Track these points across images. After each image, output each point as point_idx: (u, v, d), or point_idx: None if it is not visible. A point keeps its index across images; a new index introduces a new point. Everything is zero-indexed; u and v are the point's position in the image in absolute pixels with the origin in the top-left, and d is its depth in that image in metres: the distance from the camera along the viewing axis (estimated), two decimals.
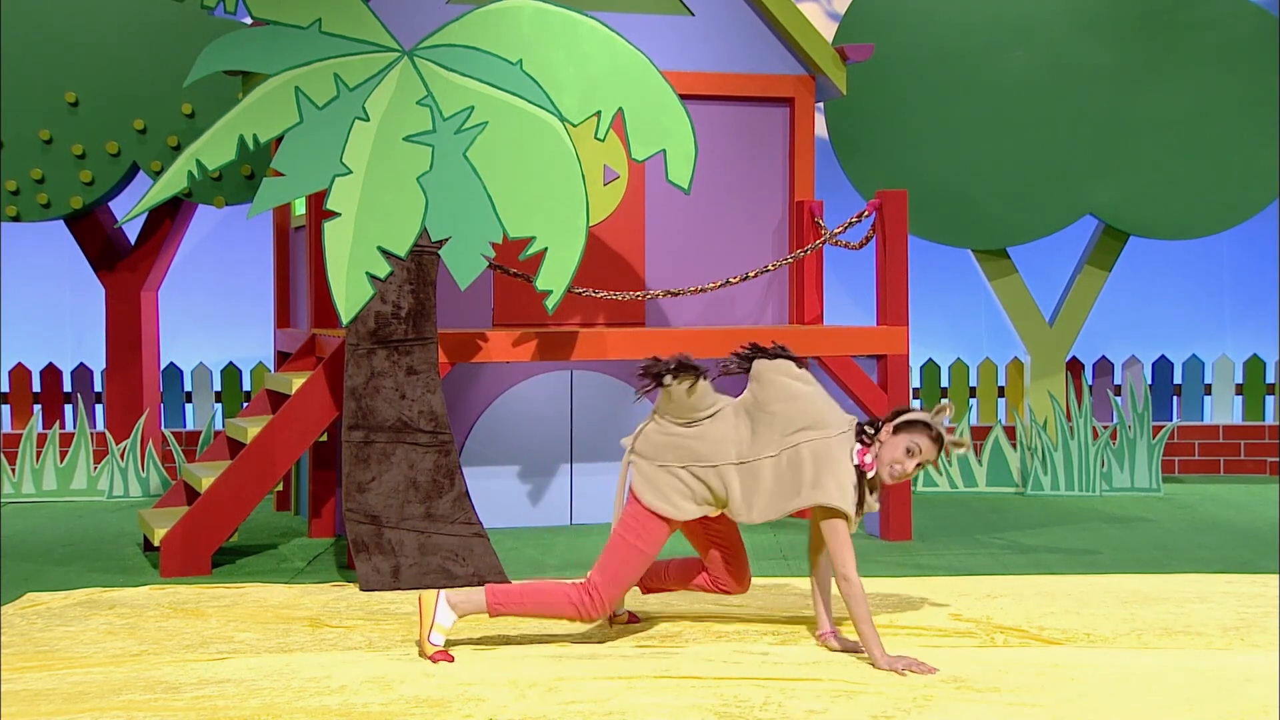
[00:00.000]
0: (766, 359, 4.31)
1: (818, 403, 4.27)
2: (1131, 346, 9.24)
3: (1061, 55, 8.21)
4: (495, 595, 4.29)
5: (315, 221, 6.49)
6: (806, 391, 4.27)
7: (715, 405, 4.31)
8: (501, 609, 4.29)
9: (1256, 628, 4.58)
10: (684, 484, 4.25)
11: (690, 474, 4.25)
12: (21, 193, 7.91)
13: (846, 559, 4.11)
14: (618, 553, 4.27)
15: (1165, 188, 8.30)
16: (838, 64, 7.00)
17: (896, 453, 4.17)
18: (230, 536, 5.81)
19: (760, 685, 3.89)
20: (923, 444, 4.18)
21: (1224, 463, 8.85)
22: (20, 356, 8.75)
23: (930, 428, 4.19)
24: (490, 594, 4.29)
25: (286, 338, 7.30)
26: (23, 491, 7.93)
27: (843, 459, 4.17)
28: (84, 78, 7.87)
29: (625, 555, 4.27)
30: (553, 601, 4.28)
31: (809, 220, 6.94)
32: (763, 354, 4.33)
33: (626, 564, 4.27)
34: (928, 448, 4.19)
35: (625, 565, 4.27)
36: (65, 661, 4.24)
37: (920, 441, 4.18)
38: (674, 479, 4.26)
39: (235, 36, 5.48)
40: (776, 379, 4.27)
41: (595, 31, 5.60)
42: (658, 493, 4.26)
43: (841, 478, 4.14)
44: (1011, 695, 3.78)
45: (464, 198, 5.40)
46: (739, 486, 4.22)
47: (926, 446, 4.19)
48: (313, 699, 3.79)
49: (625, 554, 4.27)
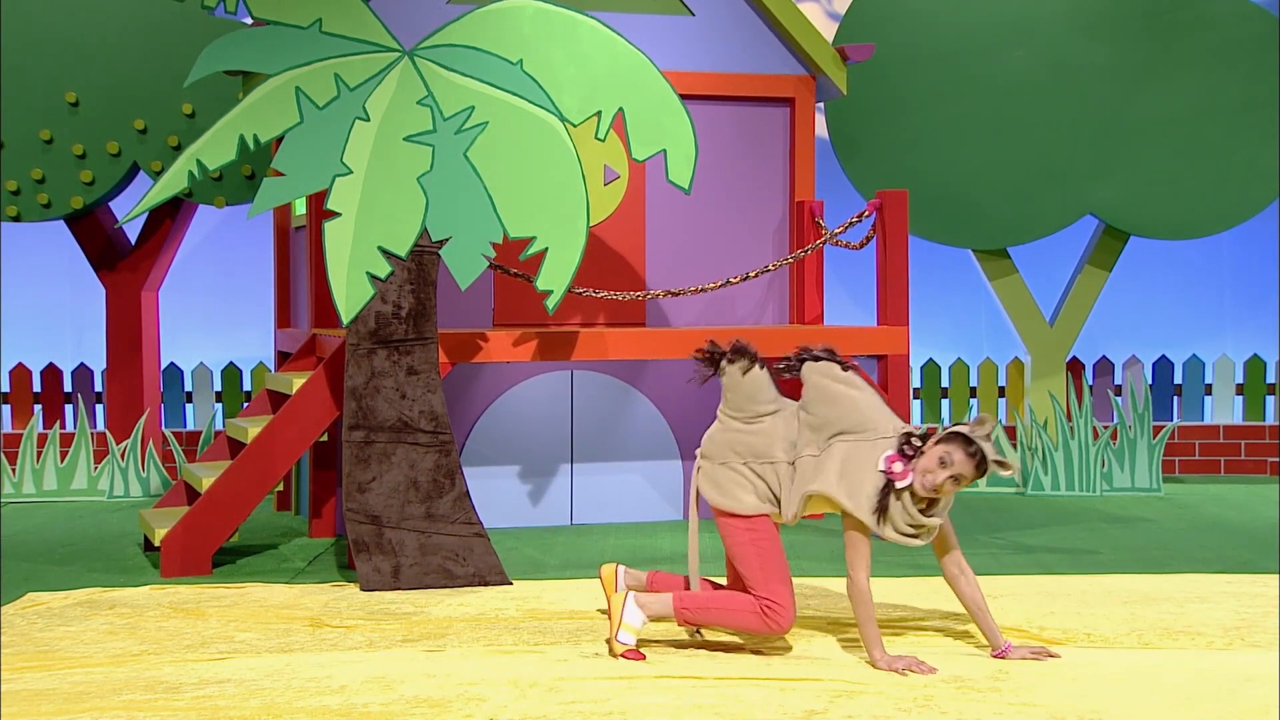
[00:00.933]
0: (813, 361, 4.29)
1: (861, 407, 4.20)
2: (1132, 346, 9.24)
3: (1062, 55, 8.21)
4: (682, 602, 4.27)
5: (316, 221, 6.49)
6: (850, 395, 4.22)
7: (777, 403, 4.30)
8: (689, 615, 4.26)
9: (1257, 627, 4.58)
10: (745, 479, 4.23)
11: (750, 470, 4.24)
12: (22, 192, 7.91)
13: (854, 560, 4.09)
14: (748, 560, 4.21)
15: (1166, 187, 8.30)
16: (838, 64, 7.00)
17: (930, 463, 4.03)
18: (231, 536, 5.81)
19: (760, 685, 3.88)
20: (956, 455, 4.00)
21: (1224, 463, 8.85)
22: (21, 356, 8.75)
23: (968, 440, 4.02)
24: (677, 600, 4.27)
25: (287, 338, 7.30)
26: (23, 491, 7.93)
27: (869, 463, 4.11)
28: (84, 78, 7.87)
29: (754, 555, 4.20)
30: (738, 612, 4.22)
31: (809, 220, 6.94)
32: (810, 357, 4.30)
33: (765, 560, 4.19)
34: (961, 460, 3.99)
35: (765, 562, 4.19)
36: (66, 661, 4.24)
37: (953, 453, 4.00)
38: (736, 474, 4.25)
39: (236, 36, 5.48)
40: (819, 381, 4.24)
41: (596, 31, 5.60)
42: (721, 490, 4.25)
43: (861, 479, 4.08)
44: (1012, 695, 3.78)
45: (464, 198, 5.40)
46: (787, 485, 4.21)
47: (960, 459, 3.99)
48: (313, 699, 3.79)
49: (753, 554, 4.20)
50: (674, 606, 4.26)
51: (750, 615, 4.19)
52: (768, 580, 4.18)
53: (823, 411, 4.20)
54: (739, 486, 4.24)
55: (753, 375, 4.27)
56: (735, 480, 4.25)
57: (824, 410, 4.20)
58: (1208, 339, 9.40)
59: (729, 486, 4.25)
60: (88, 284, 8.59)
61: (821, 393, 4.23)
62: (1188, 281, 9.53)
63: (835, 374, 4.25)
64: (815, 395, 4.23)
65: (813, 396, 4.23)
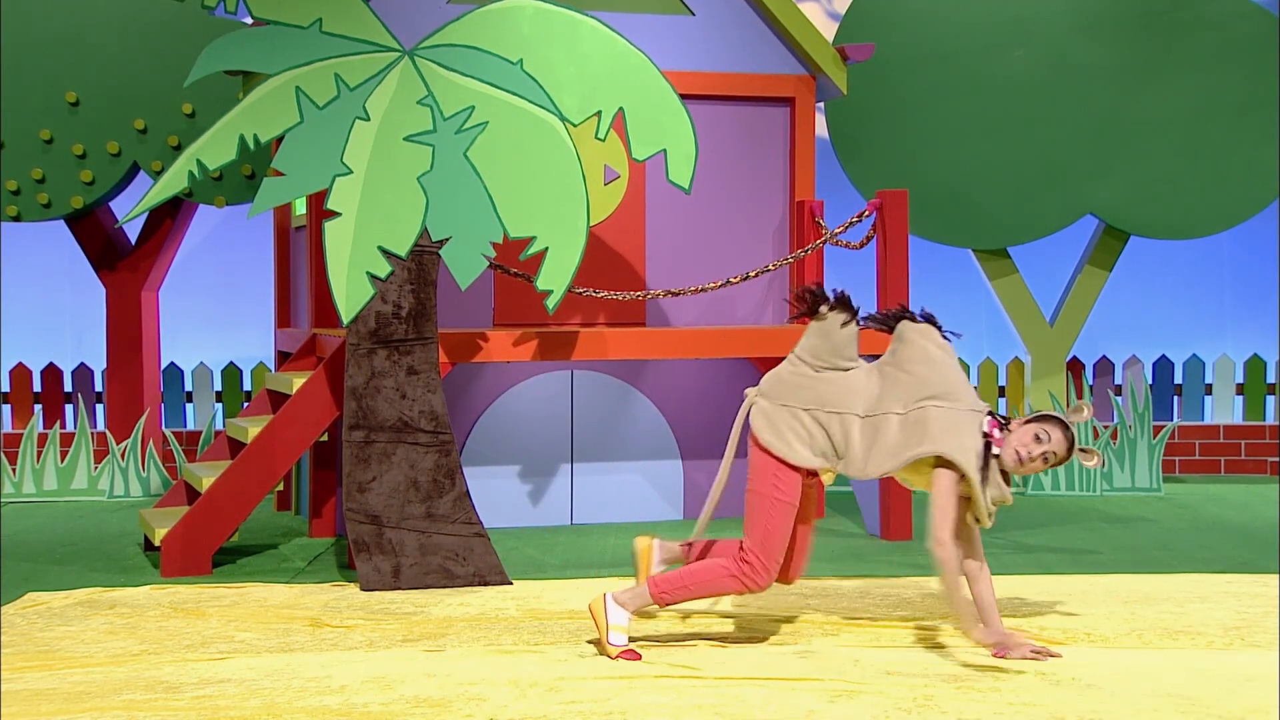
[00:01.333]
0: (913, 321, 4.31)
1: (954, 375, 4.22)
2: (1132, 346, 9.24)
3: (1062, 55, 8.21)
4: (658, 586, 4.24)
5: (316, 221, 6.49)
6: (946, 361, 4.24)
7: (855, 361, 4.31)
8: (668, 598, 4.24)
9: (1257, 627, 4.58)
10: (804, 428, 4.19)
11: (812, 418, 4.20)
12: (22, 192, 7.91)
13: (942, 521, 4.04)
14: (759, 510, 4.18)
15: (1166, 187, 8.30)
16: (838, 64, 6.99)
17: (1025, 438, 4.10)
18: (231, 536, 5.81)
19: (760, 685, 3.88)
20: (1054, 434, 4.10)
21: (1224, 462, 8.85)
22: (21, 356, 8.75)
23: (1065, 424, 4.12)
24: (652, 585, 4.24)
25: (287, 337, 7.30)
26: (23, 491, 7.94)
27: (971, 427, 4.12)
28: (84, 77, 7.87)
29: (767, 510, 4.17)
30: (713, 579, 4.21)
31: (809, 220, 6.94)
32: (909, 317, 4.32)
33: (771, 519, 4.17)
34: (1058, 439, 4.10)
35: (771, 520, 4.17)
36: (66, 661, 4.24)
37: (1051, 431, 4.10)
38: (795, 421, 4.20)
39: (236, 36, 5.48)
40: (919, 340, 4.25)
41: (596, 31, 5.60)
42: (775, 432, 4.20)
43: (966, 440, 4.09)
44: (1012, 695, 3.78)
45: (464, 197, 5.40)
46: (859, 439, 4.16)
47: (1057, 438, 4.10)
48: (313, 699, 3.79)
49: (766, 508, 4.17)
50: (652, 595, 4.25)
51: (727, 579, 4.20)
52: (764, 539, 4.16)
53: (920, 371, 4.19)
54: (794, 434, 4.19)
55: (850, 329, 4.26)
56: (793, 428, 4.20)
57: (921, 370, 4.19)
58: (1208, 339, 9.40)
59: (785, 432, 4.20)
60: (88, 284, 8.59)
61: (921, 352, 4.22)
62: (1188, 281, 9.53)
63: (936, 339, 4.28)
64: (914, 354, 4.22)
65: (911, 355, 4.22)
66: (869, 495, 6.57)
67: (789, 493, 4.18)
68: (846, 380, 4.24)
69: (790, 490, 4.18)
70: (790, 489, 4.19)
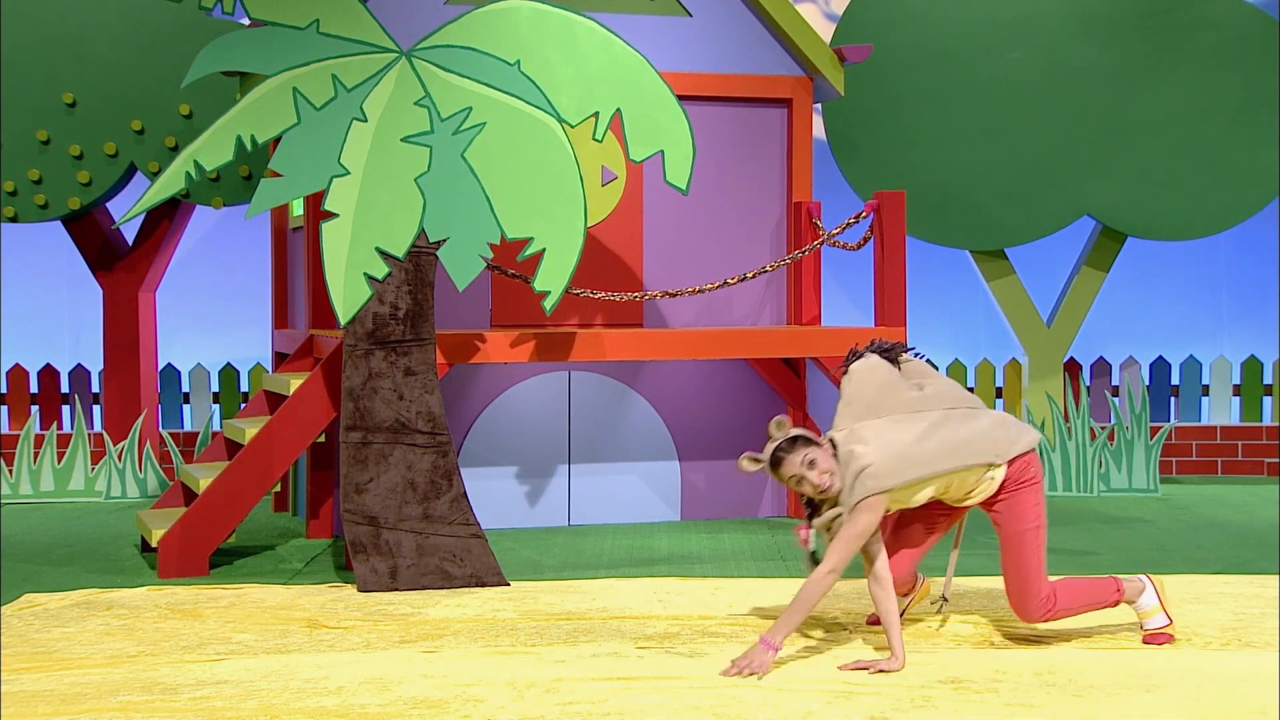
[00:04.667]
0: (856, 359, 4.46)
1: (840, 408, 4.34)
2: (1129, 347, 9.24)
3: (1059, 55, 8.22)
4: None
5: (313, 222, 6.48)
6: (843, 395, 4.35)
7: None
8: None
9: (1254, 628, 4.58)
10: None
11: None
12: (19, 193, 7.91)
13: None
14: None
15: (1163, 188, 8.31)
16: (835, 65, 7.00)
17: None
18: (228, 537, 5.80)
19: (758, 686, 3.89)
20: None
21: (1221, 463, 8.85)
22: (18, 357, 8.75)
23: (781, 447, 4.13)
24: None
25: (284, 338, 7.30)
26: (20, 492, 7.93)
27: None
28: (82, 78, 7.86)
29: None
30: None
31: (807, 221, 6.94)
32: (856, 356, 4.46)
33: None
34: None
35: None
36: (63, 662, 4.24)
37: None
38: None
39: (233, 37, 5.47)
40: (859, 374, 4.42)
41: (593, 32, 5.60)
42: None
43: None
44: (1010, 696, 3.78)
45: (462, 198, 5.40)
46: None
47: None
48: (310, 700, 3.79)
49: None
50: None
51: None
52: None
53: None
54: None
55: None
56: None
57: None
58: (1205, 340, 9.41)
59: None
60: (85, 285, 8.59)
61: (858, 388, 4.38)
62: (1185, 282, 9.54)
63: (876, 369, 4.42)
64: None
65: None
66: None
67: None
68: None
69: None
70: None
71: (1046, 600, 4.22)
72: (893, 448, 4.07)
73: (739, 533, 6.60)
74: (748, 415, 7.11)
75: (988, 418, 4.25)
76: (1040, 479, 4.28)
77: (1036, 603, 4.22)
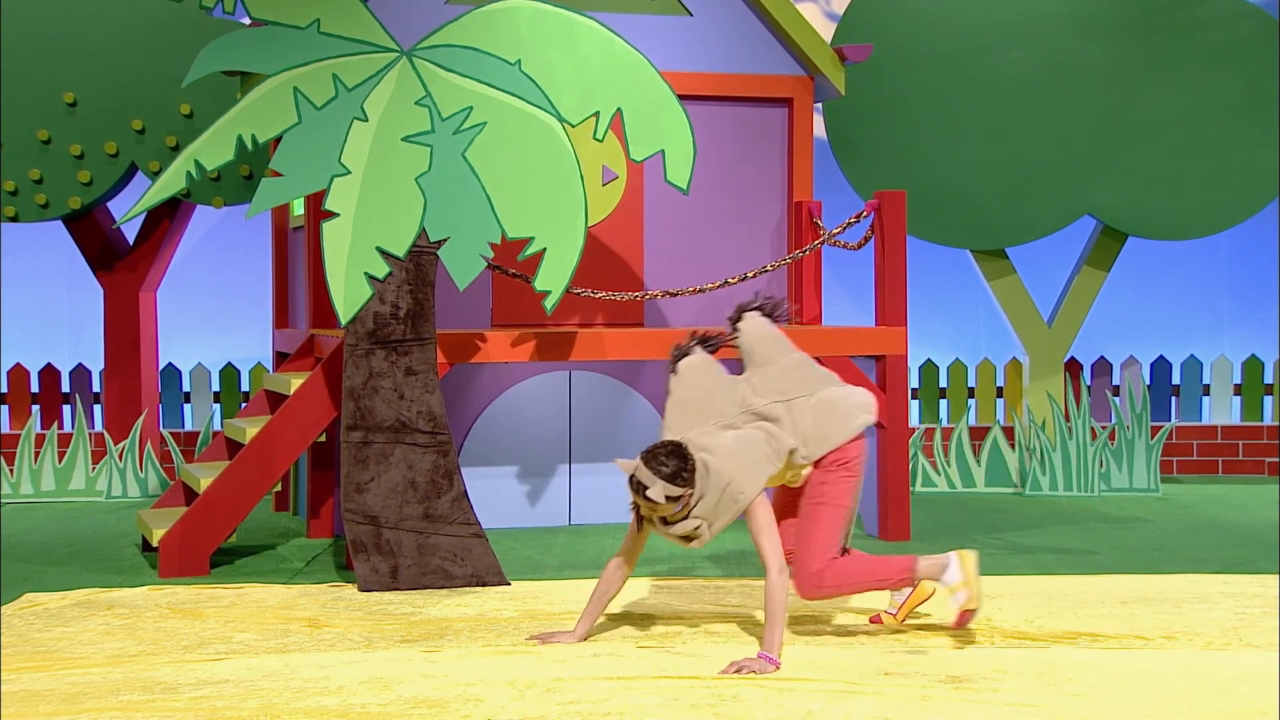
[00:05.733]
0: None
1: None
2: (1130, 347, 9.24)
3: (1060, 55, 8.22)
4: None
5: (314, 222, 6.49)
6: (673, 395, 4.48)
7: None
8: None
9: (1255, 628, 4.58)
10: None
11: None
12: (20, 193, 7.91)
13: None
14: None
15: (1164, 188, 8.31)
16: (836, 64, 7.00)
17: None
18: (229, 537, 5.81)
19: (758, 685, 3.89)
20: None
21: (1222, 463, 8.85)
22: (18, 357, 8.75)
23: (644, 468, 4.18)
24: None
25: (285, 338, 7.30)
26: (21, 492, 7.93)
27: None
28: (82, 78, 7.87)
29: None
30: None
31: (807, 220, 6.94)
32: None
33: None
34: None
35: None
36: (63, 662, 4.24)
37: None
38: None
39: (234, 37, 5.48)
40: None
41: (594, 32, 5.60)
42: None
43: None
44: (1010, 696, 3.78)
45: (462, 198, 5.40)
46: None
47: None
48: (311, 699, 3.79)
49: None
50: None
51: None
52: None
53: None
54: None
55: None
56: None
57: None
58: (1205, 339, 9.40)
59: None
60: (86, 284, 8.59)
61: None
62: (1186, 282, 9.53)
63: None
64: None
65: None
66: (868, 496, 6.57)
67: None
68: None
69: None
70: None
71: (814, 576, 4.31)
72: (735, 456, 4.18)
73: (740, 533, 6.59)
74: None
75: (811, 411, 4.34)
76: (857, 471, 4.36)
77: (804, 577, 4.32)
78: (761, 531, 4.15)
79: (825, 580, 4.30)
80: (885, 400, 6.38)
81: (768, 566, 4.12)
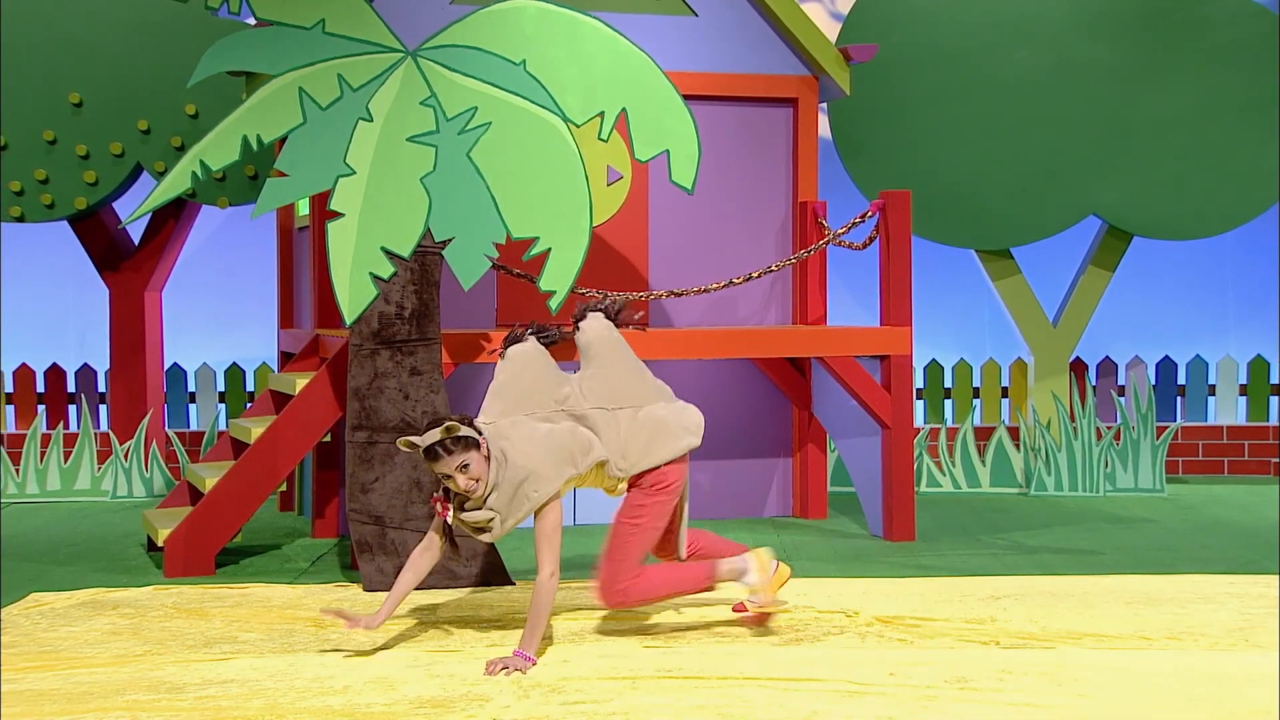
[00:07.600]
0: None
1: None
2: (1135, 347, 9.23)
3: (1065, 55, 8.21)
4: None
5: (319, 222, 6.49)
6: (496, 379, 4.52)
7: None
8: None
9: (1260, 628, 4.57)
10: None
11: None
12: (25, 193, 7.92)
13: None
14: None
15: (1169, 188, 8.30)
16: (841, 64, 6.99)
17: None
18: (234, 537, 5.82)
19: (763, 685, 3.89)
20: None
21: (1228, 463, 8.84)
22: (24, 357, 8.76)
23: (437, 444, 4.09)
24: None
25: (290, 338, 7.31)
26: (26, 492, 7.94)
27: None
28: (88, 78, 7.88)
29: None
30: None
31: (812, 220, 6.94)
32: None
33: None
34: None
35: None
36: (68, 662, 4.25)
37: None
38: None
39: (239, 37, 5.48)
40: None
41: (598, 32, 5.60)
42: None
43: None
44: (1015, 696, 3.78)
45: (468, 198, 5.40)
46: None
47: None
48: (316, 699, 3.80)
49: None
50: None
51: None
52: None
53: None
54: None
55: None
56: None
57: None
58: (1211, 339, 9.39)
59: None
60: (91, 284, 8.60)
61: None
62: (1191, 282, 9.52)
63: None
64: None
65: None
66: (872, 496, 6.57)
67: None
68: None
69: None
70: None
71: (620, 593, 4.36)
72: (536, 451, 4.16)
73: (744, 532, 6.59)
74: (753, 415, 7.11)
75: (637, 425, 4.35)
76: (671, 494, 4.38)
77: (611, 591, 4.36)
78: (544, 536, 4.15)
79: (631, 595, 4.36)
80: (890, 400, 6.38)
81: (541, 567, 4.13)
